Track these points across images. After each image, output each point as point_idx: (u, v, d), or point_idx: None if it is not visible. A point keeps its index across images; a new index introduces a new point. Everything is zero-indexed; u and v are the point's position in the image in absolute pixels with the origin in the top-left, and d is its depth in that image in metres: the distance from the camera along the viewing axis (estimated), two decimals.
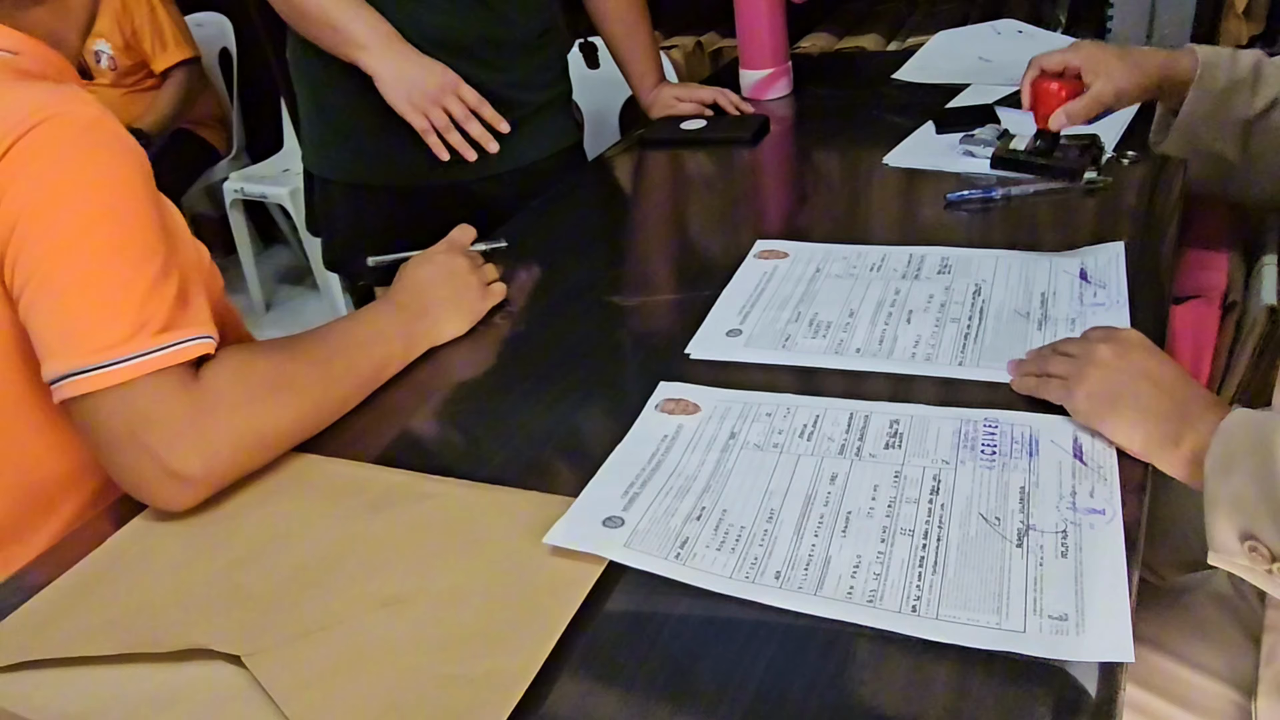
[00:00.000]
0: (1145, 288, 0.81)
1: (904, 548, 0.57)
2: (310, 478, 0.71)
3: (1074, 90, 0.79)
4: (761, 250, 0.96)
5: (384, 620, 0.58)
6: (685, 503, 0.63)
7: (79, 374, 0.64)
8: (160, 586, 0.63)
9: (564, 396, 0.78)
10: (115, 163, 0.68)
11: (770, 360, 0.78)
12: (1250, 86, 0.83)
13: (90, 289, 0.65)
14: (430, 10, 1.13)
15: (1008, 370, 0.72)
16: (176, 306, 0.68)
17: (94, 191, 0.66)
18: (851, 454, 0.65)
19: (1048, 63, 0.82)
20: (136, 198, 0.68)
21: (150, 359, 0.65)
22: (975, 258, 0.87)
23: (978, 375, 0.72)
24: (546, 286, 0.97)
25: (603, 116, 1.80)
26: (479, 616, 0.57)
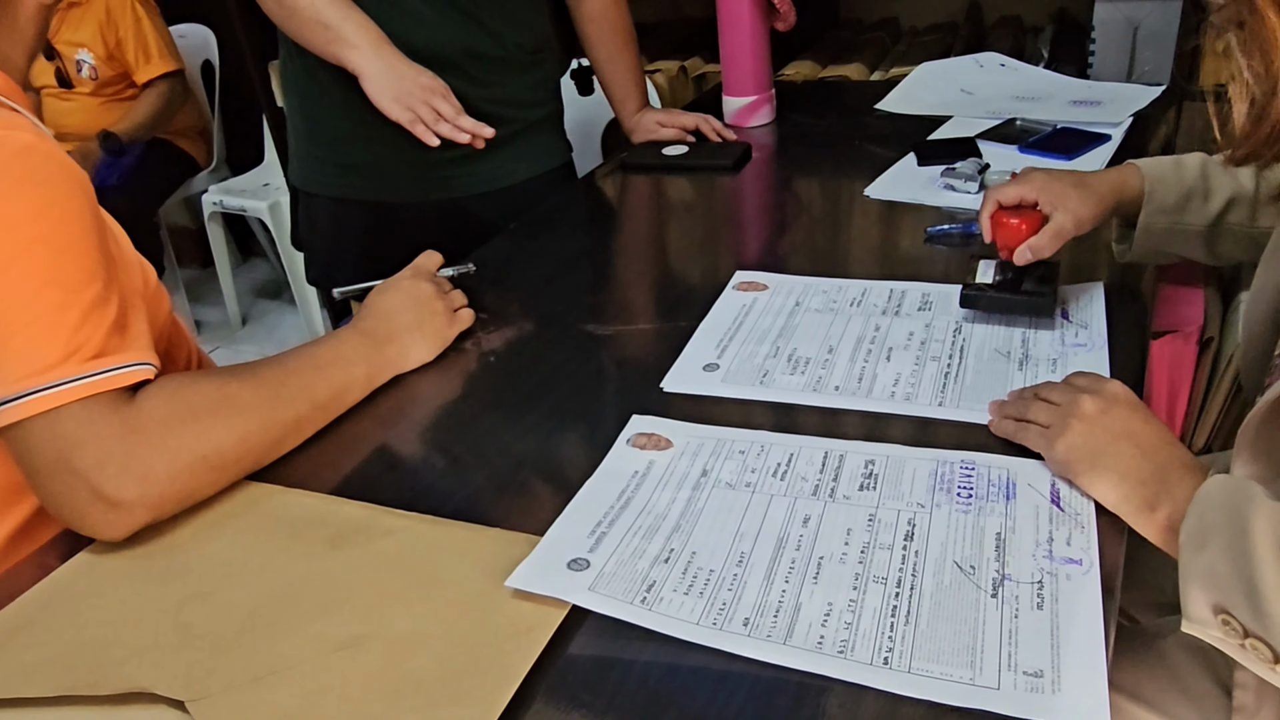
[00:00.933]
0: (1125, 328, 0.80)
1: (876, 596, 0.55)
2: (266, 509, 0.69)
3: (1034, 223, 0.80)
4: (741, 282, 0.95)
5: (338, 664, 0.55)
6: (653, 544, 0.61)
7: (7, 402, 0.62)
8: (104, 624, 0.60)
9: (533, 428, 0.76)
10: (52, 186, 0.65)
11: (747, 396, 0.76)
12: (1202, 195, 0.82)
13: (21, 315, 0.63)
14: (418, 24, 1.12)
15: (989, 410, 0.70)
16: (113, 332, 0.66)
17: (29, 215, 0.64)
18: (825, 495, 0.64)
19: (1004, 197, 0.83)
20: (74, 221, 0.66)
21: (80, 385, 0.63)
22: (956, 294, 0.86)
23: (957, 416, 0.71)
24: (519, 313, 0.96)
25: (586, 139, 1.78)
26: (437, 661, 0.55)
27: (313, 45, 1.08)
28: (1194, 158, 0.84)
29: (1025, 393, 0.69)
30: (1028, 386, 0.70)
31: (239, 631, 0.59)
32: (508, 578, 0.58)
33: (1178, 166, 0.84)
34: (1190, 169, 0.84)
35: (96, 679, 0.56)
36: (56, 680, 0.56)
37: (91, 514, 0.63)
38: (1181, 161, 0.84)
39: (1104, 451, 0.60)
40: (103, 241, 0.69)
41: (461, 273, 0.97)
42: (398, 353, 0.84)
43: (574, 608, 0.57)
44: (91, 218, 0.68)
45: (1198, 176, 0.83)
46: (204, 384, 0.69)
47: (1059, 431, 0.63)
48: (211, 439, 0.67)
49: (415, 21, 1.12)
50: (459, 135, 1.03)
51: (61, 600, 0.63)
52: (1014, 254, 0.81)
